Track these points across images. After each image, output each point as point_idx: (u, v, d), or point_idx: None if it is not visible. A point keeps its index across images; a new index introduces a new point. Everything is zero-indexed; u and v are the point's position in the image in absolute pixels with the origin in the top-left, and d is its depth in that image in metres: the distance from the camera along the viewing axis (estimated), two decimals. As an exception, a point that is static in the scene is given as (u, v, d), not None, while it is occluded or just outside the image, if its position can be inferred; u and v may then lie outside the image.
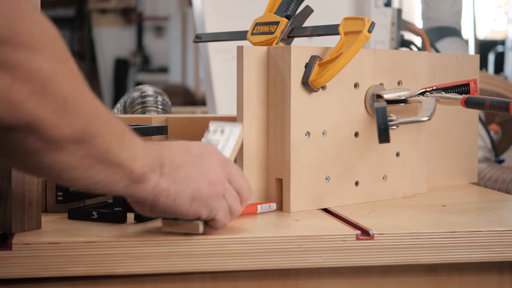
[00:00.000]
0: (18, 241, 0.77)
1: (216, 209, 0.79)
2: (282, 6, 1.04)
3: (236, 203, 0.82)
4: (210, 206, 0.79)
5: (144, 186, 0.75)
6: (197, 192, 0.78)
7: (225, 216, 0.81)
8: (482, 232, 0.87)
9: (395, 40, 1.66)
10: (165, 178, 0.76)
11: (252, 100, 0.97)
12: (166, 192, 0.76)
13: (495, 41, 5.81)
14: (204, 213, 0.79)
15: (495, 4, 6.15)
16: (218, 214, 0.80)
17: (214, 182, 0.79)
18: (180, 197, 0.77)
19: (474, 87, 1.02)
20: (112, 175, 0.72)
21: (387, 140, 0.94)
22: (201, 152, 0.80)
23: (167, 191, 0.76)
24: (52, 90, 0.63)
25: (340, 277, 0.87)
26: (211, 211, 0.79)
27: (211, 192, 0.79)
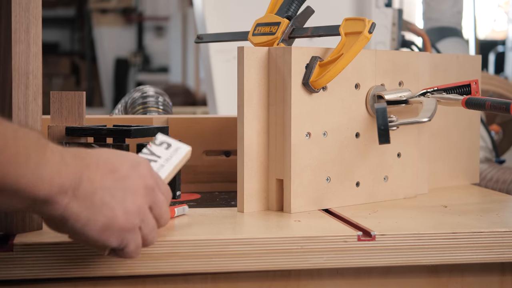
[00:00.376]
0: (19, 242, 0.77)
1: (128, 241, 0.73)
2: (283, 7, 1.04)
3: (152, 234, 0.75)
4: (121, 237, 0.72)
5: (51, 207, 0.68)
6: (110, 222, 0.71)
7: (135, 249, 0.74)
8: (484, 233, 0.87)
9: (396, 40, 1.66)
10: (77, 202, 0.69)
11: (253, 100, 0.97)
12: (75, 216, 0.69)
13: (496, 41, 5.81)
14: (114, 243, 0.72)
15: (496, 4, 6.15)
16: (128, 247, 0.73)
17: (131, 212, 0.72)
18: (90, 224, 0.70)
19: (476, 88, 1.02)
20: (9, 200, 0.66)
21: (387, 141, 0.94)
22: (128, 174, 0.73)
23: (77, 215, 0.69)
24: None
25: (342, 278, 0.87)
26: (121, 242, 0.73)
27: (126, 223, 0.72)
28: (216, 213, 0.97)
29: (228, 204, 1.04)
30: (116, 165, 0.73)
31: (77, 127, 0.96)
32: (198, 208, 0.98)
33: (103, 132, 0.96)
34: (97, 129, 0.96)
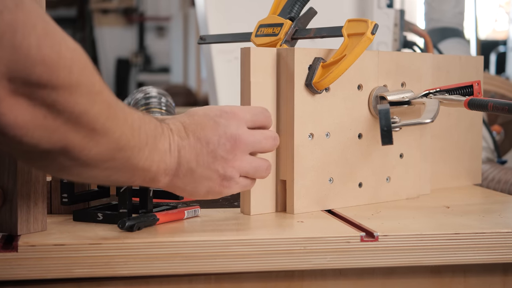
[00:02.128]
0: (23, 242, 0.78)
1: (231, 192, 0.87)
2: (286, 8, 1.04)
3: (259, 173, 0.88)
4: (223, 194, 0.86)
5: (158, 184, 0.82)
6: (211, 189, 0.85)
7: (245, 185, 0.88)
8: (486, 234, 0.87)
9: (397, 41, 1.66)
10: (180, 179, 0.82)
11: (256, 101, 0.97)
12: (180, 189, 0.84)
13: (497, 41, 5.81)
14: (219, 197, 0.87)
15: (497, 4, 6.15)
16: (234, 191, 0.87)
17: (228, 177, 0.85)
18: (195, 194, 0.85)
19: (478, 89, 1.02)
20: (130, 177, 0.79)
21: (390, 142, 0.94)
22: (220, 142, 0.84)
23: (182, 189, 0.84)
24: (85, 120, 0.69)
25: (345, 278, 0.87)
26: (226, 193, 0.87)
27: (223, 188, 0.85)
28: (219, 214, 0.97)
29: (231, 205, 1.04)
30: (207, 137, 0.84)
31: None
32: (201, 209, 0.98)
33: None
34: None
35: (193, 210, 0.94)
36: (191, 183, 0.83)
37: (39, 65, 0.63)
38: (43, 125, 0.66)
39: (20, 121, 0.65)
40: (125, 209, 0.89)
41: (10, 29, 0.62)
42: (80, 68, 0.67)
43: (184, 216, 0.92)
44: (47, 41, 0.64)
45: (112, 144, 0.73)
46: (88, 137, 0.70)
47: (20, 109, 0.64)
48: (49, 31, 0.64)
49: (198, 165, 0.83)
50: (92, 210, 0.91)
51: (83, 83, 0.67)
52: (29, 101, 0.65)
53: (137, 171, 0.78)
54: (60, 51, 0.65)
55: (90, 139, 0.70)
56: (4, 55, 0.62)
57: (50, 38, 0.64)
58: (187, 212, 0.93)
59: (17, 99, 0.64)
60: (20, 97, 0.64)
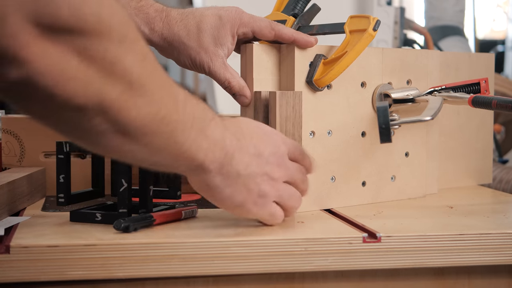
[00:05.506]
0: (16, 244, 0.75)
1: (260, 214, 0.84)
2: (290, 5, 1.03)
3: (291, 201, 0.85)
4: (252, 212, 0.83)
5: (199, 175, 0.78)
6: (245, 202, 0.81)
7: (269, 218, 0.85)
8: (492, 235, 0.85)
9: (398, 39, 1.65)
10: (222, 177, 0.79)
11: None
12: (218, 189, 0.80)
13: (495, 41, 5.80)
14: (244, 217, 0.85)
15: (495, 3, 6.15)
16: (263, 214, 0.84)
17: (264, 194, 0.82)
18: (228, 201, 0.81)
19: (485, 86, 1.00)
20: (173, 161, 0.75)
21: (389, 140, 0.93)
22: (269, 160, 0.82)
23: (221, 189, 0.80)
24: (119, 70, 0.64)
25: (346, 280, 0.85)
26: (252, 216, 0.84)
27: (255, 206, 0.82)
28: (217, 214, 0.95)
29: (230, 205, 1.02)
30: (261, 149, 0.81)
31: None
32: (199, 209, 0.96)
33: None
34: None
35: (191, 211, 0.92)
36: (231, 186, 0.80)
37: (65, 8, 0.59)
38: (76, 75, 0.62)
39: (51, 70, 0.60)
40: (124, 209, 0.86)
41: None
42: (110, 14, 0.63)
43: (182, 217, 0.90)
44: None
45: (152, 107, 0.68)
46: (126, 93, 0.65)
47: (50, 57, 0.60)
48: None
49: (245, 172, 0.80)
50: (90, 210, 0.89)
51: (114, 29, 0.63)
52: (58, 47, 0.60)
53: (182, 154, 0.73)
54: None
55: (129, 97, 0.65)
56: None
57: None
58: (185, 213, 0.91)
59: (45, 46, 0.60)
60: (49, 43, 0.60)
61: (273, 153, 0.83)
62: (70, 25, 0.60)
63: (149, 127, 0.68)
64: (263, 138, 0.83)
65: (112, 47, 0.63)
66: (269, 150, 0.82)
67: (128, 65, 0.65)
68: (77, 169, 1.05)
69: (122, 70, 0.64)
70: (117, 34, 0.64)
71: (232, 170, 0.79)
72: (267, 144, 0.83)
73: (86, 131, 0.67)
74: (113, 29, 0.63)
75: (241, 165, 0.79)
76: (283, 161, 0.84)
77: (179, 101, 0.71)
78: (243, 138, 0.80)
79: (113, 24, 0.63)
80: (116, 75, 0.64)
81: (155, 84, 0.68)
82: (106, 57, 0.63)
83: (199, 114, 0.74)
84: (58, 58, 0.60)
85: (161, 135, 0.70)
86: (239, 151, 0.79)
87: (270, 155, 0.82)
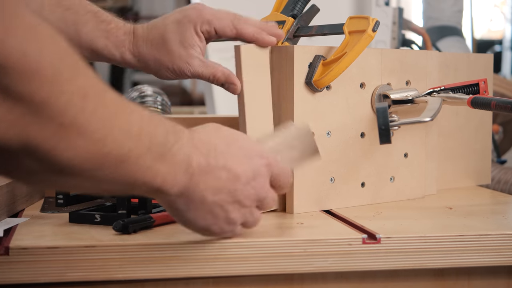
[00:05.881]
0: (15, 245, 0.75)
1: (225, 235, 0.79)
2: (289, 6, 1.03)
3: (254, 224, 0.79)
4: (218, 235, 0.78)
5: (161, 199, 0.73)
6: (209, 227, 0.76)
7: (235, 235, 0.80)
8: (491, 236, 0.85)
9: (396, 39, 1.65)
10: (184, 201, 0.73)
11: (255, 100, 0.95)
12: (179, 211, 0.74)
13: (492, 41, 5.81)
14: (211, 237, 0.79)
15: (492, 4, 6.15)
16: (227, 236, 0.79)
17: (232, 222, 0.77)
18: (190, 222, 0.76)
19: (484, 87, 1.00)
20: (127, 189, 0.70)
21: (388, 141, 0.93)
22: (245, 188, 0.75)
23: (182, 211, 0.74)
24: (50, 111, 0.58)
25: (346, 281, 0.85)
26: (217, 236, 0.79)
27: (221, 231, 0.77)
28: (217, 215, 0.95)
29: (229, 206, 1.02)
30: (238, 172, 0.74)
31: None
32: (199, 210, 0.96)
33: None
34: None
35: None
36: (195, 211, 0.74)
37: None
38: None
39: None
40: (124, 210, 0.86)
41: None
42: (39, 49, 0.56)
43: None
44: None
45: (93, 146, 0.61)
46: (58, 134, 0.59)
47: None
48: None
49: (212, 198, 0.73)
50: (89, 211, 0.89)
51: (44, 67, 0.57)
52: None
53: (135, 182, 0.68)
54: (9, 27, 0.55)
55: (61, 138, 0.59)
56: None
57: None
58: None
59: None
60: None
61: (252, 179, 0.76)
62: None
63: (90, 163, 0.62)
64: (242, 161, 0.75)
65: (40, 86, 0.57)
66: (247, 176, 0.75)
67: (61, 105, 0.58)
68: (75, 170, 1.05)
69: (53, 111, 0.58)
70: (48, 72, 0.57)
71: (197, 195, 0.73)
72: (246, 169, 0.75)
73: (17, 171, 0.62)
74: (42, 66, 0.57)
75: (209, 191, 0.73)
76: (262, 189, 0.77)
77: (131, 132, 0.65)
78: (215, 159, 0.73)
79: (43, 60, 0.57)
80: (46, 116, 0.58)
81: (98, 121, 0.62)
82: (35, 98, 0.57)
83: (159, 139, 0.68)
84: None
85: (107, 168, 0.64)
86: (208, 174, 0.73)
87: (247, 182, 0.75)
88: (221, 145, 0.75)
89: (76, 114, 0.60)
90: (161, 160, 0.68)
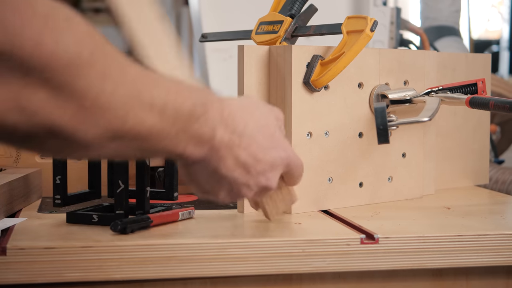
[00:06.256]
0: (12, 245, 0.75)
1: None
2: (287, 5, 1.02)
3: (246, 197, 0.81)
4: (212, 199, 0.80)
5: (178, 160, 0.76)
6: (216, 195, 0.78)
7: None
8: (490, 236, 0.85)
9: (394, 39, 1.64)
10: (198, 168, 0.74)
11: (253, 100, 0.95)
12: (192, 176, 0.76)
13: (490, 41, 5.81)
14: None
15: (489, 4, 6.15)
16: None
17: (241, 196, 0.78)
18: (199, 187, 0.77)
19: (482, 87, 1.00)
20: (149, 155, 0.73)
21: (387, 141, 0.93)
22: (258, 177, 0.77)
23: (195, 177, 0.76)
24: (70, 93, 0.58)
25: (344, 282, 0.85)
26: None
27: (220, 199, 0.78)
28: (215, 215, 0.95)
29: (227, 206, 1.02)
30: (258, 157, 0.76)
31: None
32: (196, 210, 0.96)
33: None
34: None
35: (188, 212, 0.92)
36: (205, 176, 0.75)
37: None
38: (17, 104, 0.56)
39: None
40: (121, 210, 0.86)
41: None
42: (55, 38, 0.56)
43: (179, 218, 0.90)
44: None
45: (115, 124, 0.62)
46: (80, 116, 0.59)
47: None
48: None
49: (226, 172, 0.75)
50: (86, 211, 0.89)
51: (58, 53, 0.57)
52: None
53: (158, 150, 0.69)
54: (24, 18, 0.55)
55: (83, 119, 0.60)
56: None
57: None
58: (182, 214, 0.90)
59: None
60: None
61: (269, 170, 0.77)
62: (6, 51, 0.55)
63: (113, 139, 0.63)
64: (265, 150, 0.77)
65: (57, 72, 0.57)
66: (264, 165, 0.77)
67: (81, 89, 0.59)
68: (73, 170, 1.05)
69: (73, 95, 0.59)
70: (63, 58, 0.57)
71: (212, 165, 0.74)
72: (267, 159, 0.77)
73: (41, 148, 0.64)
74: (56, 52, 0.57)
75: (224, 165, 0.74)
76: (273, 181, 0.79)
77: (154, 107, 0.65)
78: (239, 138, 0.74)
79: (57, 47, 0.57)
80: (67, 100, 0.59)
81: (119, 100, 0.62)
82: (54, 84, 0.58)
83: (185, 112, 0.68)
84: None
85: (129, 142, 0.65)
86: (228, 151, 0.73)
87: (263, 171, 0.77)
88: (251, 126, 0.75)
89: (96, 95, 0.60)
90: (184, 132, 0.69)
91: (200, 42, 1.18)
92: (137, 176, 0.89)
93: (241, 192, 0.77)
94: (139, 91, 0.64)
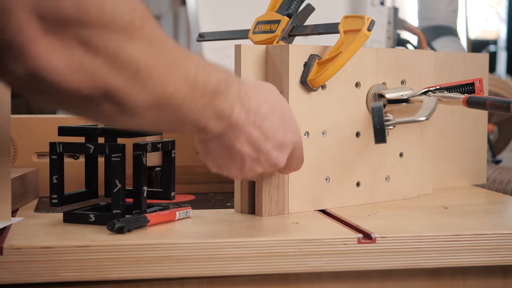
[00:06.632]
0: (9, 245, 0.75)
1: None
2: (284, 5, 1.02)
3: None
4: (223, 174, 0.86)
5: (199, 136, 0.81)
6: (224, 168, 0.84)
7: None
8: (487, 235, 0.85)
9: (391, 39, 1.65)
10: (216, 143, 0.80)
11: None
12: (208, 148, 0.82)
13: (487, 41, 5.81)
14: None
15: (487, 3, 6.16)
16: None
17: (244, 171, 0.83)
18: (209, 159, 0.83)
19: (480, 87, 1.00)
20: (178, 127, 0.78)
21: (384, 141, 0.93)
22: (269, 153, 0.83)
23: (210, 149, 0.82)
24: (124, 59, 0.64)
25: (341, 281, 0.85)
26: None
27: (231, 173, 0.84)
28: (212, 215, 0.95)
29: (224, 206, 1.02)
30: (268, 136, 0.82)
31: (70, 127, 0.94)
32: (193, 210, 0.95)
33: (98, 132, 0.94)
34: (91, 129, 0.94)
35: (185, 211, 0.91)
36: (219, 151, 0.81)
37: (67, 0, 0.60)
38: (81, 67, 0.62)
39: (57, 64, 0.61)
40: (118, 210, 0.86)
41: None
42: (113, 3, 0.63)
43: (176, 218, 0.90)
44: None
45: (158, 89, 0.68)
46: (132, 80, 0.66)
47: (55, 51, 0.61)
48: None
49: (239, 148, 0.81)
50: (83, 211, 0.89)
51: (117, 18, 0.63)
52: (63, 41, 0.61)
53: (186, 123, 0.75)
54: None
55: (135, 83, 0.66)
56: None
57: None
58: (179, 213, 0.90)
59: (50, 40, 0.60)
60: (53, 37, 0.60)
61: (278, 149, 0.84)
62: (74, 17, 0.60)
63: (155, 104, 0.69)
64: (277, 130, 0.83)
65: (115, 36, 0.63)
66: (275, 144, 0.83)
67: (133, 53, 0.65)
68: (70, 169, 1.05)
69: (127, 58, 0.64)
70: (120, 23, 0.63)
71: (227, 141, 0.80)
72: (278, 138, 0.83)
73: (94, 114, 0.70)
74: (115, 18, 0.63)
75: (238, 141, 0.80)
76: (282, 160, 0.85)
77: (189, 76, 0.71)
78: (254, 117, 0.80)
79: (116, 12, 0.63)
80: (122, 64, 0.64)
81: (162, 66, 0.68)
82: (110, 47, 0.63)
83: (211, 86, 0.74)
84: (63, 51, 0.61)
85: (166, 110, 0.71)
86: (243, 128, 0.79)
87: (274, 148, 0.83)
88: (264, 107, 0.81)
89: (145, 60, 0.66)
90: (209, 106, 0.75)
91: (198, 41, 1.18)
92: (134, 175, 0.89)
93: (252, 168, 0.83)
94: (177, 59, 0.70)
